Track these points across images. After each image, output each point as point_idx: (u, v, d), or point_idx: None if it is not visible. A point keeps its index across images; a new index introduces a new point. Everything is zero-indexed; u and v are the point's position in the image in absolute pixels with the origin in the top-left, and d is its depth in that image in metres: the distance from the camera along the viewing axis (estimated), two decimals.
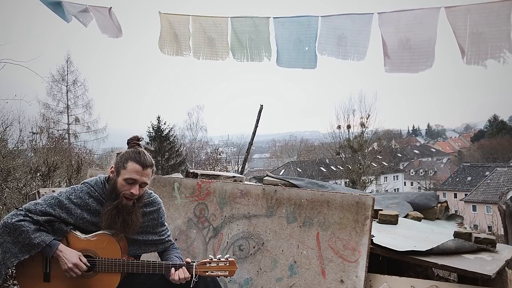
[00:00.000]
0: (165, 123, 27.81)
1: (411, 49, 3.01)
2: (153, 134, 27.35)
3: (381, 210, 4.13)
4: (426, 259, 3.05)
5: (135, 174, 2.28)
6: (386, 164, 39.05)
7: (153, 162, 2.38)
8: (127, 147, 2.42)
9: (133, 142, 2.41)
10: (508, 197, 5.20)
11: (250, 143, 7.63)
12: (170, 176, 4.05)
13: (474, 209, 34.92)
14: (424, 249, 3.07)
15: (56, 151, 13.41)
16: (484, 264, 3.01)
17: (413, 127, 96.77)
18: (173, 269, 2.28)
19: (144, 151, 2.37)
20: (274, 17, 3.43)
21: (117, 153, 2.39)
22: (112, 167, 2.35)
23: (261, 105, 7.09)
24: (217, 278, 2.37)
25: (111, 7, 3.95)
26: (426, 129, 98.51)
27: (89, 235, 2.31)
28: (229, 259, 2.31)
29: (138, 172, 2.28)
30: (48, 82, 29.54)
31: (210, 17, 3.61)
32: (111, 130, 32.46)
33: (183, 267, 2.29)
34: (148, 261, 2.32)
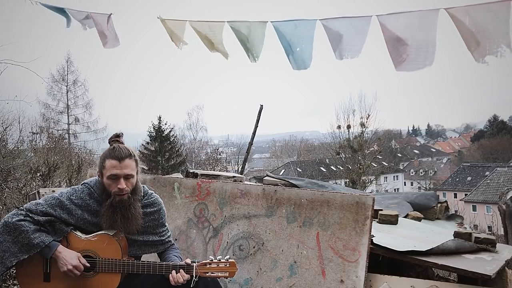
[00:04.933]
0: (166, 123, 27.86)
1: (411, 48, 3.01)
2: (154, 134, 27.38)
3: (381, 210, 4.12)
4: (426, 259, 3.05)
5: (114, 170, 2.27)
6: (386, 164, 39.00)
7: (132, 152, 2.33)
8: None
9: (112, 139, 2.39)
10: (508, 197, 5.20)
11: (250, 143, 7.63)
12: (170, 176, 4.05)
13: (474, 209, 34.90)
14: (424, 249, 3.07)
15: (56, 151, 13.40)
16: (484, 264, 3.01)
17: (413, 127, 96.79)
18: (172, 274, 2.26)
19: (119, 145, 2.33)
20: (271, 21, 3.43)
21: (100, 156, 2.39)
22: (97, 170, 2.36)
23: (261, 105, 7.08)
24: (217, 278, 2.37)
25: (111, 14, 3.95)
26: (426, 129, 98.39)
27: (90, 235, 2.31)
28: (230, 260, 2.31)
29: (116, 166, 2.27)
30: (48, 82, 29.61)
31: (206, 21, 3.62)
32: (111, 130, 32.40)
33: (181, 269, 2.28)
34: (148, 261, 2.32)
